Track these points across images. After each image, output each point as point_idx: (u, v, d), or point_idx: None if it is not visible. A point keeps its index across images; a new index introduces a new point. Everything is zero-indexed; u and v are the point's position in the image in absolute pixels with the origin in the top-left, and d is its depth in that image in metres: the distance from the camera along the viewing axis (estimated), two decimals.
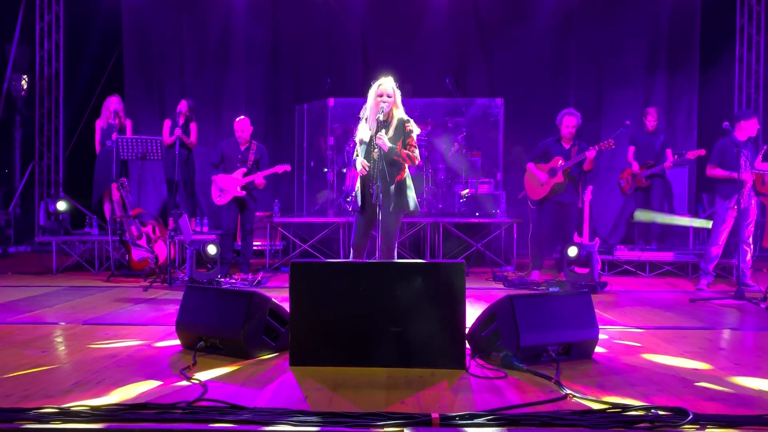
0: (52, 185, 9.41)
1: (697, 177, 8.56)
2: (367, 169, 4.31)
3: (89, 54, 9.34)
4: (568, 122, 6.37)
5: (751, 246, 5.95)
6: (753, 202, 5.89)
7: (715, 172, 6.01)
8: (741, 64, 9.18)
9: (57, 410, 2.50)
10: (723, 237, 6.06)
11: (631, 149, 7.41)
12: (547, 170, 6.39)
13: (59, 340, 3.88)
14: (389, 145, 4.25)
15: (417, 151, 4.41)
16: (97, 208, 7.71)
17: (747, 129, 5.88)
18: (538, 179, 6.42)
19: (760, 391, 2.82)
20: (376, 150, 4.24)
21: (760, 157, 5.81)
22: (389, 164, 4.32)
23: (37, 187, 9.35)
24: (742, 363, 3.33)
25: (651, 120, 7.31)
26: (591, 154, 6.14)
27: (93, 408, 2.51)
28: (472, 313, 3.69)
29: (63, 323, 4.33)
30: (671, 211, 7.73)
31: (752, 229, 5.94)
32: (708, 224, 6.43)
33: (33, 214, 9.15)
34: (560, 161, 6.29)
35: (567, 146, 6.39)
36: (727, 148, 5.91)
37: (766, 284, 5.36)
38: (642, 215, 7.27)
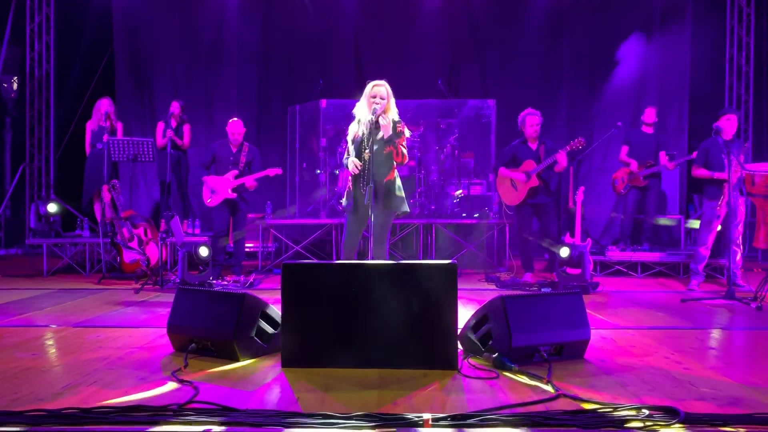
0: (42, 187, 9.37)
1: (687, 177, 8.61)
2: (359, 168, 4.33)
3: (80, 55, 9.31)
4: (531, 121, 6.42)
5: (741, 246, 5.99)
6: (741, 201, 5.92)
7: (699, 172, 6.09)
8: (731, 65, 9.24)
9: (48, 413, 2.48)
10: (711, 237, 6.10)
11: (624, 149, 7.40)
12: (522, 175, 6.40)
13: (50, 342, 3.85)
14: (392, 126, 4.26)
15: (406, 151, 4.43)
16: (87, 210, 7.68)
17: (726, 128, 5.91)
18: (516, 179, 6.43)
19: (750, 390, 2.84)
20: (367, 151, 4.25)
21: (742, 156, 5.83)
22: (380, 165, 4.34)
23: (27, 189, 9.31)
24: (732, 362, 3.35)
25: (649, 117, 7.31)
26: (561, 157, 6.15)
27: (84, 410, 2.50)
28: (465, 313, 3.70)
29: (54, 326, 4.31)
30: (663, 211, 7.77)
31: (741, 228, 5.97)
32: (698, 224, 6.47)
33: (23, 217, 9.10)
34: (532, 164, 6.31)
35: (534, 147, 6.43)
36: (711, 149, 6.00)
37: (756, 284, 5.38)
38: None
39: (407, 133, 4.47)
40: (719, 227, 6.19)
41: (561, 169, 6.28)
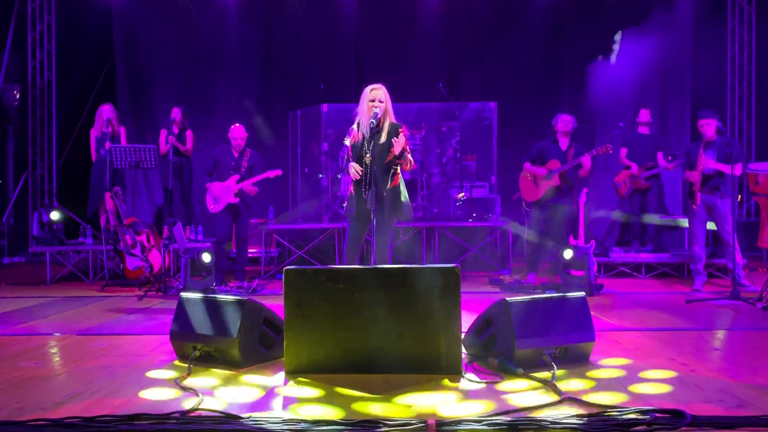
0: (45, 195, 9.39)
1: None
2: (360, 173, 4.32)
3: (81, 63, 9.34)
4: (566, 118, 6.38)
5: (735, 245, 5.89)
6: (721, 202, 5.90)
7: (685, 174, 6.15)
8: (733, 65, 9.22)
9: (50, 422, 2.48)
10: (700, 236, 6.09)
11: (623, 151, 7.41)
12: (545, 171, 6.37)
13: (53, 351, 3.85)
14: (402, 146, 4.25)
15: (410, 156, 4.43)
16: (93, 217, 7.68)
17: (703, 131, 5.94)
18: (537, 174, 6.38)
19: (758, 392, 2.81)
20: (368, 155, 4.25)
21: (750, 158, 5.87)
22: (383, 170, 4.33)
23: (30, 197, 9.32)
24: (738, 364, 3.33)
25: (644, 116, 7.33)
26: (586, 161, 6.12)
27: (87, 419, 2.49)
28: (468, 317, 3.68)
29: (57, 334, 4.30)
30: (665, 212, 7.74)
31: (729, 228, 5.89)
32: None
33: (26, 225, 9.09)
34: (557, 164, 6.28)
35: (564, 148, 6.36)
36: (692, 150, 6.10)
37: (761, 284, 5.35)
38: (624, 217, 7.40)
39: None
40: (712, 226, 6.22)
41: (585, 173, 6.24)
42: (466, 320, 3.46)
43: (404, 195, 4.47)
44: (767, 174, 5.56)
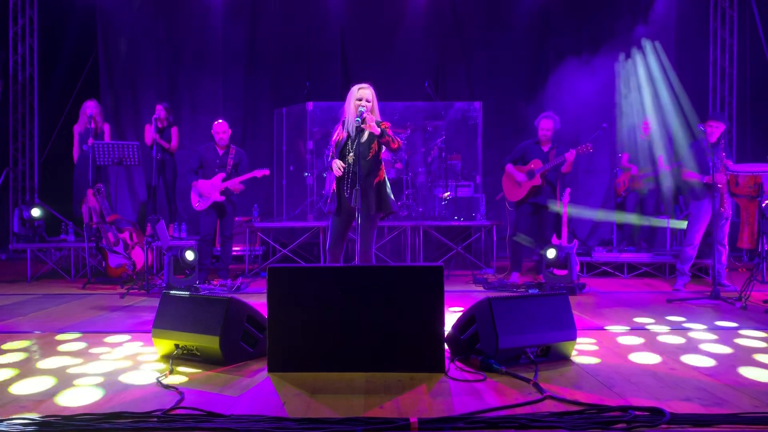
0: (26, 191, 9.28)
1: (673, 179, 8.65)
2: (342, 170, 4.33)
3: (64, 58, 9.24)
4: (545, 125, 6.45)
5: (726, 246, 6.03)
6: (727, 202, 5.95)
7: (689, 175, 6.07)
8: (715, 68, 9.32)
9: (30, 420, 2.45)
10: (697, 237, 6.13)
11: (625, 156, 7.51)
12: (525, 171, 6.44)
13: (33, 349, 3.81)
14: (377, 126, 4.25)
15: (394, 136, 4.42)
16: (78, 214, 7.61)
17: (709, 132, 5.93)
18: (517, 179, 6.47)
19: (736, 390, 2.85)
20: (351, 154, 4.26)
21: (730, 160, 5.88)
22: (366, 167, 4.34)
23: (11, 193, 9.21)
24: (717, 363, 3.37)
25: (646, 128, 7.45)
26: (570, 157, 6.20)
27: (67, 418, 2.47)
28: (452, 316, 3.70)
29: (37, 332, 4.26)
30: (658, 212, 7.80)
31: (727, 229, 6.02)
32: (684, 225, 6.51)
33: (7, 221, 8.99)
34: (539, 164, 6.35)
35: (545, 149, 6.45)
36: (698, 151, 6.03)
37: (740, 284, 5.42)
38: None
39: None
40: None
41: (567, 169, 6.32)
42: (450, 319, 3.48)
43: (388, 190, 4.47)
44: (747, 175, 5.63)
